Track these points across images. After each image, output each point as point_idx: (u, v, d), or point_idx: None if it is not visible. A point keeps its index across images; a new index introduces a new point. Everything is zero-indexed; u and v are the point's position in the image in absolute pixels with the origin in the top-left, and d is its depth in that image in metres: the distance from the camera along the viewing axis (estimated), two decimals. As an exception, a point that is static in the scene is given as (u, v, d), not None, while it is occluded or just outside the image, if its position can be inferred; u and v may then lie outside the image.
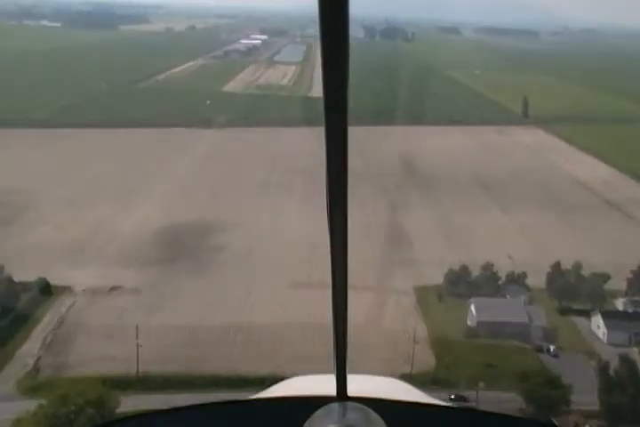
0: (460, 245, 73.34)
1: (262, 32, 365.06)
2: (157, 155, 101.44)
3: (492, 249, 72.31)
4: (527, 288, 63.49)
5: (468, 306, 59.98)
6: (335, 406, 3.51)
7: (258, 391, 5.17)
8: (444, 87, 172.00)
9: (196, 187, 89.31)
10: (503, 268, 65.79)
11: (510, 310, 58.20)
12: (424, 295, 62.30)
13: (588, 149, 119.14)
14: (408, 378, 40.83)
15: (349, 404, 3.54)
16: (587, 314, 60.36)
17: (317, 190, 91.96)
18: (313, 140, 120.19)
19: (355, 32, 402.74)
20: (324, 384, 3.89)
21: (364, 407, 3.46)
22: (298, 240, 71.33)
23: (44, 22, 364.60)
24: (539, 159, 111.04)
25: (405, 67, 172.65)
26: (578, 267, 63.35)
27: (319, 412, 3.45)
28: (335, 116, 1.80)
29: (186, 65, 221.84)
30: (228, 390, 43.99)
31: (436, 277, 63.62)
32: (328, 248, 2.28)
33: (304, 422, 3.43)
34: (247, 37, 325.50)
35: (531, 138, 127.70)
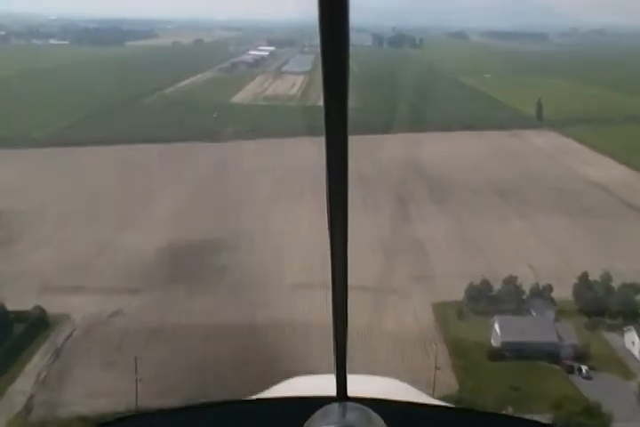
0: (478, 256, 69.46)
1: (270, 43, 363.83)
2: (157, 172, 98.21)
3: (512, 259, 68.70)
4: (553, 302, 59.18)
5: (492, 324, 55.46)
6: (335, 406, 3.50)
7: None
8: (455, 92, 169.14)
9: (198, 204, 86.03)
10: (526, 280, 61.84)
11: (537, 328, 53.50)
12: (443, 312, 58.14)
13: (606, 150, 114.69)
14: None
15: (349, 404, 3.53)
16: (619, 329, 55.27)
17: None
18: (321, 150, 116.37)
19: (363, 40, 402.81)
20: (323, 384, 3.88)
21: (364, 408, 3.47)
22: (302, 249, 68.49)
23: (52, 41, 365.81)
24: (555, 163, 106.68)
25: (415, 73, 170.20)
26: (607, 278, 59.16)
27: (319, 412, 3.45)
28: (335, 116, 1.83)
29: (193, 78, 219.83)
30: None
31: (456, 293, 59.78)
32: (328, 249, 2.31)
33: (304, 422, 3.43)
34: (255, 49, 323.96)
35: (546, 141, 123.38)
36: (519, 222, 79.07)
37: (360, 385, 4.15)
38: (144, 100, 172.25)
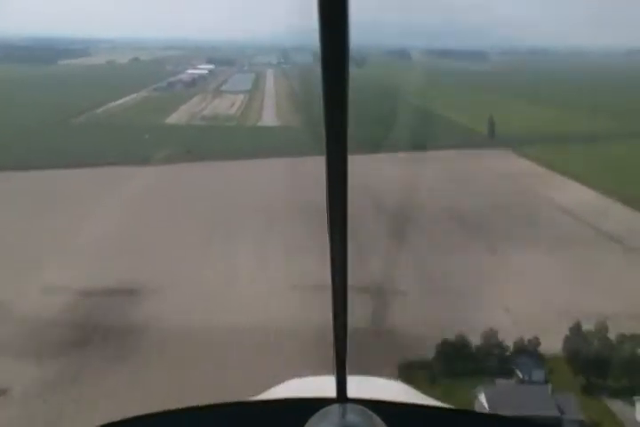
0: (445, 300, 59.83)
1: (209, 62, 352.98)
2: (76, 200, 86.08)
3: (485, 302, 59.35)
4: (542, 359, 50.03)
5: (476, 396, 45.50)
6: (335, 407, 3.52)
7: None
8: (402, 111, 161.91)
9: (119, 242, 73.77)
10: (504, 328, 52.64)
11: (531, 398, 43.78)
12: (411, 377, 47.78)
13: (567, 172, 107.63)
14: None
15: (349, 405, 3.54)
16: (624, 394, 46.12)
17: (270, 232, 79.55)
18: (262, 174, 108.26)
19: (305, 59, 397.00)
20: (323, 386, 3.93)
21: (364, 409, 3.49)
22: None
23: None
24: (517, 186, 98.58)
25: (361, 92, 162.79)
26: (602, 327, 50.22)
27: (319, 413, 3.47)
28: (335, 117, 1.85)
29: (126, 98, 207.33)
30: None
31: (425, 349, 49.90)
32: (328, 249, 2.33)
33: (304, 423, 3.45)
34: (193, 67, 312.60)
35: (503, 162, 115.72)
36: (487, 257, 69.77)
37: (360, 387, 4.20)
38: (72, 121, 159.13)
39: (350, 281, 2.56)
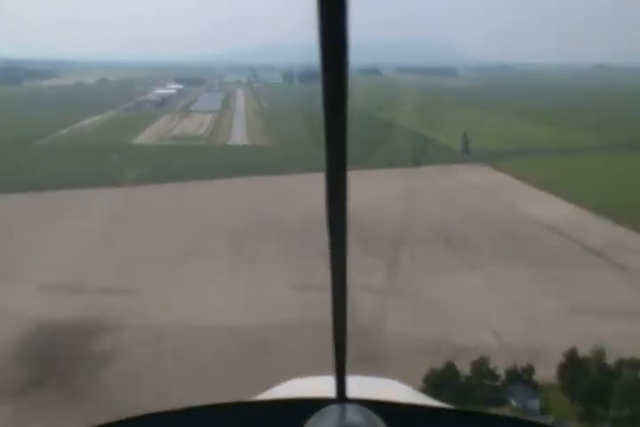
0: (430, 323, 56.54)
1: (178, 81, 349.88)
2: (39, 225, 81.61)
3: (470, 324, 56.20)
4: (536, 388, 46.63)
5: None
6: (335, 407, 3.51)
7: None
8: (375, 128, 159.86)
9: (81, 271, 68.93)
10: (493, 354, 49.38)
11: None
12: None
13: (544, 186, 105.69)
14: None
15: (349, 405, 3.52)
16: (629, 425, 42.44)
17: (241, 255, 75.82)
18: (232, 194, 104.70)
19: (274, 78, 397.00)
20: (323, 386, 3.92)
21: (364, 409, 3.48)
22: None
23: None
24: (496, 202, 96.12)
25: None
26: (599, 354, 46.97)
27: (318, 413, 3.46)
28: (335, 117, 1.86)
29: (94, 118, 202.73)
30: None
31: (412, 378, 46.39)
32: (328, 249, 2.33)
33: (303, 423, 3.44)
34: (162, 87, 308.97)
35: (480, 177, 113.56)
36: (472, 276, 66.61)
37: (360, 387, 4.22)
38: (36, 142, 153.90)
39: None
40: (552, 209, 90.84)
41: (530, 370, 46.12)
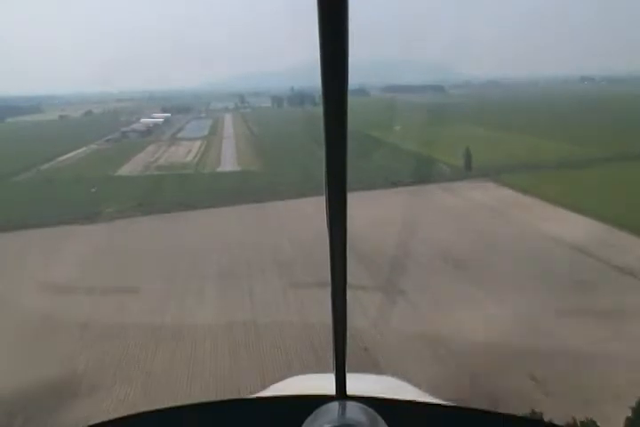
0: (454, 363, 48.62)
1: (164, 110, 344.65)
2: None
3: (505, 368, 48.08)
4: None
5: None
6: (335, 404, 3.52)
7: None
8: (369, 147, 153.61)
9: (48, 325, 60.28)
10: (535, 402, 41.58)
11: None
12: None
13: (556, 200, 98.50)
14: None
15: (349, 403, 3.55)
16: None
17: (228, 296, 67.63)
18: (221, 223, 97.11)
19: (261, 102, 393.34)
20: (323, 383, 3.97)
21: (364, 406, 3.49)
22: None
23: None
24: (508, 220, 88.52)
25: (321, 131, 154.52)
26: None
27: (319, 411, 3.46)
28: (335, 114, 1.91)
29: (76, 151, 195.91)
30: None
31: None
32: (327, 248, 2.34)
33: (303, 421, 3.44)
34: (148, 116, 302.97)
35: (485, 193, 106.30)
36: (495, 308, 58.33)
37: (359, 384, 4.26)
38: (14, 178, 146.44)
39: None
40: (570, 225, 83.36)
41: (592, 425, 38.07)
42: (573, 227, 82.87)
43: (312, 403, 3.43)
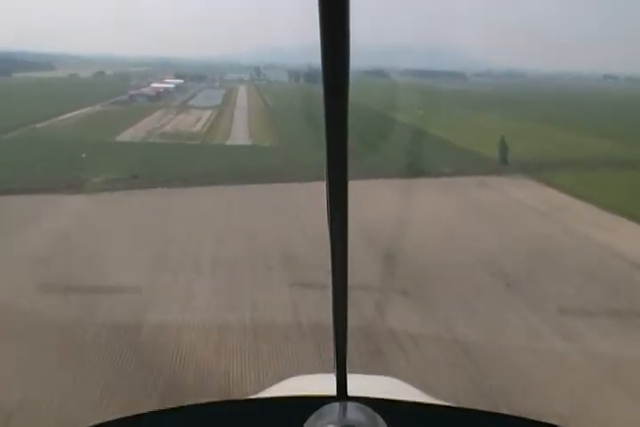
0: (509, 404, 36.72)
1: (178, 76, 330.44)
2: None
3: (571, 415, 36.08)
4: None
5: None
6: (335, 405, 3.47)
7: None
8: (392, 130, 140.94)
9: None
10: None
11: None
12: None
13: (608, 205, 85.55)
14: None
15: (349, 403, 3.50)
16: None
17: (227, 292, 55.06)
18: (224, 205, 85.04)
19: (279, 76, 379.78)
20: (323, 384, 3.89)
21: (365, 407, 3.44)
22: None
23: None
24: (557, 226, 75.70)
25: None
26: None
27: (319, 411, 3.42)
28: (335, 113, 1.89)
29: (77, 111, 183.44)
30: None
31: None
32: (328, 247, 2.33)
33: (303, 421, 3.40)
34: (159, 81, 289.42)
35: (527, 192, 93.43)
36: (559, 341, 46.18)
37: (361, 384, 4.14)
38: (2, 136, 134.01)
39: None
40: (634, 237, 70.90)
41: None
42: (637, 238, 70.48)
43: (312, 404, 3.37)
